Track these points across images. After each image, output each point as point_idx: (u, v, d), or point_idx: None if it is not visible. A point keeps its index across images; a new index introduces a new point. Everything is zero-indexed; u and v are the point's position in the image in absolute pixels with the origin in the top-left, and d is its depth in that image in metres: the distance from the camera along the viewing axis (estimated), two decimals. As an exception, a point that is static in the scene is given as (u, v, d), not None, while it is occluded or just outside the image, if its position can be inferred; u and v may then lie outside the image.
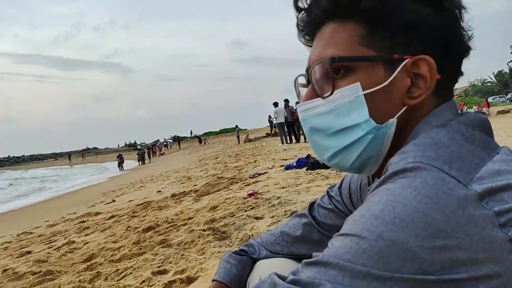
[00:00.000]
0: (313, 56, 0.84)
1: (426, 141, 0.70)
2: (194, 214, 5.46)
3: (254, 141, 31.96)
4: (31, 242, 6.69)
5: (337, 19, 0.80)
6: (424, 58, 0.77)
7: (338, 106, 0.79)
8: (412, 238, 0.58)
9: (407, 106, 0.78)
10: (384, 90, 0.77)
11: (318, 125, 0.81)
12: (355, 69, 0.78)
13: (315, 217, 1.13)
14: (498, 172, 0.65)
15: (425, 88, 0.78)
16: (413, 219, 0.59)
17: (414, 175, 0.63)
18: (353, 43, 0.78)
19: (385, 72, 0.77)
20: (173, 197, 8.03)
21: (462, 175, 0.63)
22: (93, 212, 9.07)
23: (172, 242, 4.03)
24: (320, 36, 0.83)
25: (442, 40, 0.78)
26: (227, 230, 4.03)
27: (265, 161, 11.08)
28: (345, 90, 0.78)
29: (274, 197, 5.20)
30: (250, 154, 16.27)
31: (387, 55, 0.77)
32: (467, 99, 60.61)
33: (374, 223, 0.61)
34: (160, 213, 6.49)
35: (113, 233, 5.66)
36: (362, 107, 0.77)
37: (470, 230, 0.59)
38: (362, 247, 0.60)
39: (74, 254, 4.84)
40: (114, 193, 14.00)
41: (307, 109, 0.83)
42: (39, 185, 29.85)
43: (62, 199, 16.79)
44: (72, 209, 11.34)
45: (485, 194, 0.62)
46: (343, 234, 0.63)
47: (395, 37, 0.77)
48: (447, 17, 0.78)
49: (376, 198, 0.64)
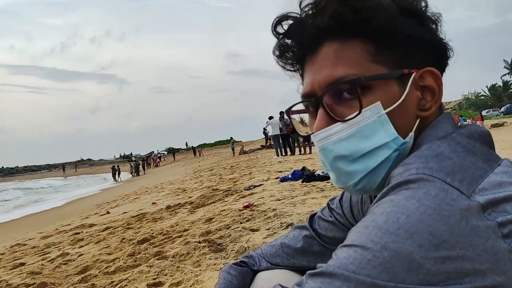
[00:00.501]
0: (319, 79, 0.80)
1: (429, 153, 0.71)
2: (189, 226, 5.43)
3: (249, 153, 31.93)
4: (25, 254, 6.64)
5: (338, 37, 0.79)
6: (429, 70, 0.80)
7: (361, 128, 0.76)
8: (416, 249, 0.59)
9: (419, 118, 0.80)
10: (401, 105, 0.78)
11: (343, 152, 0.78)
12: (371, 87, 0.76)
13: (316, 229, 1.12)
14: (500, 183, 0.66)
15: (434, 100, 0.81)
16: (417, 230, 0.60)
17: (418, 186, 0.64)
18: (364, 61, 0.77)
19: (398, 87, 0.78)
20: (168, 209, 8.00)
21: (464, 187, 0.64)
22: (88, 223, 9.00)
23: (168, 254, 4.01)
24: (320, 57, 0.80)
25: (434, 52, 0.82)
26: (222, 242, 4.02)
27: (260, 173, 11.06)
28: (367, 111, 0.76)
29: (269, 209, 5.18)
30: (245, 166, 16.25)
31: (399, 71, 0.78)
32: (461, 112, 60.92)
33: (378, 234, 0.61)
34: (155, 225, 6.46)
35: (107, 245, 5.62)
36: (387, 126, 0.76)
37: (474, 241, 0.60)
38: (366, 257, 0.60)
39: (68, 266, 4.80)
40: (109, 205, 13.92)
41: (327, 136, 0.79)
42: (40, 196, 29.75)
43: (57, 210, 16.68)
44: (66, 220, 11.26)
45: (488, 205, 0.62)
46: (348, 245, 0.64)
47: (400, 52, 0.79)
48: (431, 30, 0.81)
49: (379, 210, 0.64)
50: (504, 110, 59.03)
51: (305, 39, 0.81)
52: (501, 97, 77.90)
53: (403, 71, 0.78)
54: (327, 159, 0.81)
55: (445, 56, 0.84)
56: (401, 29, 0.77)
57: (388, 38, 0.77)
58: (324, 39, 0.79)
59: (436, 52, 0.82)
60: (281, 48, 0.86)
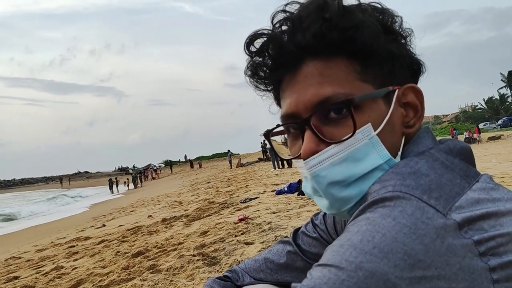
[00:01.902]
0: (305, 99, 0.76)
1: (406, 169, 0.70)
2: (184, 239, 5.42)
3: (246, 166, 31.93)
4: (19, 267, 6.59)
5: (321, 56, 0.76)
6: (411, 87, 0.80)
7: (354, 151, 0.74)
8: (391, 269, 0.57)
9: (404, 135, 0.80)
10: (388, 124, 0.77)
11: (336, 177, 0.75)
12: (361, 106, 0.75)
13: (299, 245, 1.11)
14: (478, 200, 0.65)
15: (417, 116, 0.80)
16: (391, 249, 0.58)
17: (394, 204, 0.63)
18: (352, 79, 0.76)
19: (384, 105, 0.77)
20: (164, 222, 7.97)
21: (441, 204, 0.63)
22: (83, 236, 8.96)
23: (162, 268, 3.99)
24: (303, 76, 0.77)
25: (410, 68, 0.82)
26: (217, 255, 4.00)
27: (256, 186, 11.05)
28: (358, 134, 0.74)
29: (264, 222, 5.18)
30: (242, 179, 16.23)
31: (385, 89, 0.77)
32: (458, 125, 61.08)
33: (353, 253, 0.60)
34: (150, 238, 6.43)
35: (102, 258, 5.59)
36: (379, 147, 0.75)
37: (450, 260, 0.59)
38: (340, 278, 0.58)
39: (62, 280, 4.77)
40: (105, 218, 13.85)
41: (319, 162, 0.75)
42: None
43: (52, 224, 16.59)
44: (62, 233, 11.21)
45: (464, 223, 0.61)
46: (322, 265, 0.62)
47: (384, 70, 0.78)
48: (405, 46, 0.82)
49: (355, 228, 0.63)
50: (501, 123, 59.28)
51: (283, 58, 0.78)
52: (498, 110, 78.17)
53: (388, 88, 0.78)
54: (320, 186, 0.77)
55: (419, 71, 0.85)
56: (384, 46, 0.77)
57: (373, 56, 0.77)
58: (305, 57, 0.77)
59: (412, 68, 0.83)
60: (253, 66, 0.83)
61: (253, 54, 0.81)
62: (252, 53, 0.81)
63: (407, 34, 0.82)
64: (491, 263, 0.61)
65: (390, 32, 0.79)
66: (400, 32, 0.81)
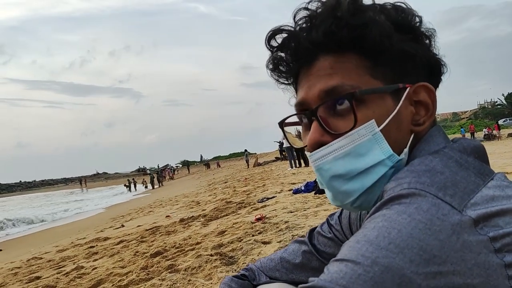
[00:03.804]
0: (313, 91, 0.80)
1: (421, 167, 0.71)
2: (202, 239, 5.45)
3: (263, 165, 31.92)
4: (41, 268, 6.70)
5: (333, 52, 0.79)
6: (424, 85, 0.81)
7: (357, 146, 0.76)
8: (407, 264, 0.59)
9: (413, 133, 0.80)
10: (395, 120, 0.78)
11: (339, 171, 0.77)
12: (366, 101, 0.77)
13: (315, 245, 1.12)
14: (493, 198, 0.66)
15: (428, 114, 0.81)
16: (407, 245, 0.59)
17: (409, 201, 0.64)
18: (362, 73, 0.78)
19: (393, 101, 0.79)
20: (182, 222, 8.02)
21: (456, 201, 0.64)
22: (102, 237, 9.06)
23: (180, 267, 4.03)
24: (315, 69, 0.80)
25: (427, 68, 0.83)
26: (234, 255, 4.02)
27: (273, 185, 11.05)
28: (362, 129, 0.76)
29: (282, 221, 5.18)
30: (259, 178, 16.23)
31: (394, 85, 0.78)
32: (477, 121, 60.25)
33: (369, 249, 0.61)
34: (168, 238, 6.48)
35: (121, 258, 5.65)
36: (382, 143, 0.76)
37: (465, 256, 0.60)
38: (357, 272, 0.59)
39: (83, 280, 4.84)
40: (123, 218, 13.99)
41: (323, 155, 0.78)
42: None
43: (72, 224, 16.81)
44: (81, 234, 11.35)
45: (480, 220, 0.62)
46: (339, 260, 0.63)
47: (395, 67, 0.79)
48: (426, 46, 0.82)
49: (371, 224, 0.64)
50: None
51: (300, 53, 0.81)
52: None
53: (398, 85, 0.79)
54: (323, 179, 0.81)
55: (439, 72, 0.85)
56: (396, 45, 0.78)
57: (383, 54, 0.78)
58: (319, 53, 0.80)
59: (430, 68, 0.83)
60: (274, 61, 0.86)
61: (274, 48, 0.85)
62: (273, 48, 0.85)
63: (429, 34, 0.83)
64: (506, 260, 0.61)
65: (406, 31, 0.80)
66: (420, 31, 0.82)
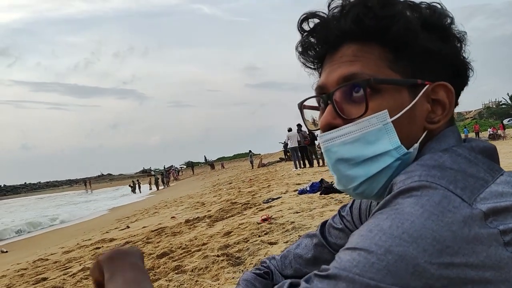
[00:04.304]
0: (334, 75, 0.82)
1: (431, 162, 0.71)
2: (208, 240, 5.45)
3: (268, 166, 31.95)
4: (47, 269, 6.72)
5: (358, 41, 0.80)
6: (443, 84, 0.81)
7: (366, 134, 0.77)
8: (421, 254, 0.59)
9: (427, 131, 0.81)
10: (409, 115, 0.78)
11: (345, 155, 0.79)
12: (381, 91, 0.78)
13: (326, 237, 1.13)
14: (501, 193, 0.67)
15: (444, 114, 0.81)
16: (421, 235, 0.60)
17: (421, 193, 0.64)
18: (382, 65, 0.79)
19: (409, 96, 0.79)
20: (187, 223, 8.03)
21: (466, 195, 0.64)
22: (108, 238, 9.09)
23: (186, 268, 4.03)
24: (339, 55, 0.82)
25: (452, 68, 0.83)
26: (241, 255, 4.02)
27: (278, 186, 11.05)
28: (373, 118, 0.77)
29: (288, 222, 5.18)
30: (263, 179, 16.25)
31: (412, 80, 0.79)
32: (481, 121, 60.10)
33: (382, 237, 0.62)
34: (174, 239, 6.49)
35: (127, 259, 5.66)
36: (392, 134, 0.77)
37: (477, 248, 0.60)
38: (370, 261, 0.60)
39: (89, 281, 4.85)
40: (129, 219, 14.02)
41: (333, 138, 0.80)
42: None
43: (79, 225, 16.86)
44: (87, 235, 11.39)
45: (490, 213, 0.63)
46: (351, 248, 0.64)
47: (416, 63, 0.80)
48: (454, 47, 0.82)
49: (384, 215, 0.65)
50: (526, 118, 58.15)
51: (328, 39, 0.83)
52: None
53: (417, 80, 0.79)
54: (330, 160, 0.83)
55: (464, 74, 0.85)
56: (421, 41, 0.78)
57: (406, 48, 0.79)
58: (345, 40, 0.81)
59: (454, 69, 0.83)
60: (304, 45, 0.87)
61: (305, 33, 0.86)
62: (304, 32, 0.87)
63: (459, 36, 0.83)
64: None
65: (435, 29, 0.80)
66: (450, 32, 0.82)
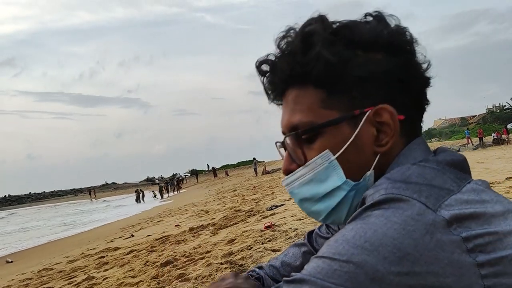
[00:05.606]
0: (283, 123, 0.87)
1: (397, 175, 0.74)
2: (212, 248, 5.47)
3: (272, 173, 31.92)
4: (52, 278, 6.75)
5: (297, 85, 0.83)
6: (383, 108, 0.80)
7: (316, 174, 0.82)
8: (381, 261, 0.62)
9: (379, 154, 0.82)
10: (353, 146, 0.80)
11: (305, 195, 0.84)
12: (322, 132, 0.81)
13: (314, 246, 1.15)
14: (467, 201, 0.69)
15: (390, 134, 0.81)
16: (382, 243, 0.63)
17: (388, 206, 0.67)
18: (316, 108, 0.81)
19: (350, 128, 0.80)
20: (191, 231, 8.04)
21: (431, 202, 0.67)
22: (112, 247, 9.11)
23: (190, 276, 4.04)
24: (285, 101, 0.86)
25: (399, 83, 0.81)
26: (244, 263, 4.04)
27: (282, 193, 11.06)
28: (318, 159, 0.81)
29: (291, 229, 5.19)
30: (267, 186, 16.26)
31: (349, 113, 0.80)
32: (485, 126, 59.94)
33: (345, 247, 0.65)
34: (178, 247, 6.51)
35: (131, 268, 5.68)
36: (338, 171, 0.81)
37: (439, 255, 0.63)
38: (333, 267, 0.65)
39: (94, 290, 4.87)
40: (133, 228, 14.05)
41: (291, 182, 0.86)
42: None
43: (82, 234, 16.88)
44: (91, 244, 11.41)
45: (453, 221, 0.65)
46: (318, 256, 0.69)
47: (353, 93, 0.80)
48: (400, 58, 0.81)
49: (350, 226, 0.69)
50: (531, 122, 57.93)
51: (275, 85, 0.87)
52: (527, 109, 76.41)
53: (354, 112, 0.80)
54: (295, 201, 0.88)
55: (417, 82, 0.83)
56: (352, 70, 0.79)
57: (336, 83, 0.80)
58: (287, 86, 0.85)
59: (402, 84, 0.81)
60: (264, 87, 0.91)
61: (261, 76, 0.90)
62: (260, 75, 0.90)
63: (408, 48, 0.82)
64: (479, 259, 0.64)
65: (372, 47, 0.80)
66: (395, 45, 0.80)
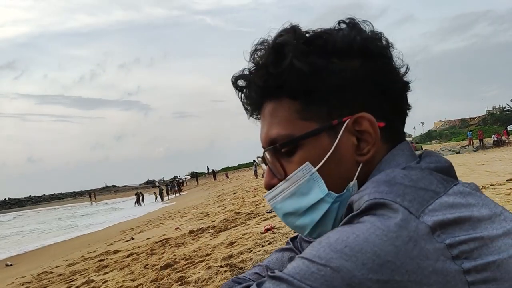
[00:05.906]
0: (262, 137, 0.86)
1: (382, 178, 0.72)
2: (211, 251, 5.45)
3: (272, 175, 31.81)
4: (51, 282, 6.73)
5: (272, 98, 0.81)
6: (362, 116, 0.78)
7: (298, 187, 0.80)
8: (358, 267, 0.61)
9: (361, 163, 0.80)
10: (334, 156, 0.78)
11: (288, 209, 0.83)
12: (302, 145, 0.79)
13: (300, 250, 1.11)
14: (452, 205, 0.66)
15: (372, 143, 0.79)
16: (361, 249, 0.61)
17: (374, 212, 0.65)
18: (293, 119, 0.79)
19: (329, 138, 0.78)
20: (191, 234, 8.03)
21: (414, 207, 0.64)
22: (112, 250, 9.09)
23: (190, 280, 4.03)
24: (263, 115, 0.85)
25: (376, 88, 0.79)
26: (244, 266, 4.02)
27: (282, 196, 11.02)
28: (299, 172, 0.79)
29: (291, 231, 5.17)
30: (267, 189, 16.20)
31: (327, 124, 0.78)
32: (486, 127, 59.97)
33: (326, 250, 0.64)
34: (178, 250, 6.49)
35: (131, 271, 5.66)
36: (319, 183, 0.79)
37: (422, 263, 0.61)
38: (311, 270, 0.64)
39: (93, 293, 4.85)
40: (133, 231, 14.02)
41: (273, 196, 0.84)
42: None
43: (83, 237, 16.86)
44: (91, 247, 11.39)
45: (437, 227, 0.63)
46: (300, 257, 0.68)
47: (330, 102, 0.78)
48: (376, 63, 0.79)
49: (337, 229, 0.68)
50: (531, 124, 57.94)
51: (253, 99, 0.86)
52: (527, 111, 76.44)
53: (331, 123, 0.78)
54: (279, 216, 0.87)
55: (395, 86, 0.82)
56: (327, 80, 0.77)
57: (311, 93, 0.78)
58: (264, 99, 0.83)
59: (380, 89, 0.80)
60: (242, 102, 0.89)
61: (238, 91, 0.89)
62: (237, 90, 0.89)
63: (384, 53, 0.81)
64: (464, 266, 0.62)
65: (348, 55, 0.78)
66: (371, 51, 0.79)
